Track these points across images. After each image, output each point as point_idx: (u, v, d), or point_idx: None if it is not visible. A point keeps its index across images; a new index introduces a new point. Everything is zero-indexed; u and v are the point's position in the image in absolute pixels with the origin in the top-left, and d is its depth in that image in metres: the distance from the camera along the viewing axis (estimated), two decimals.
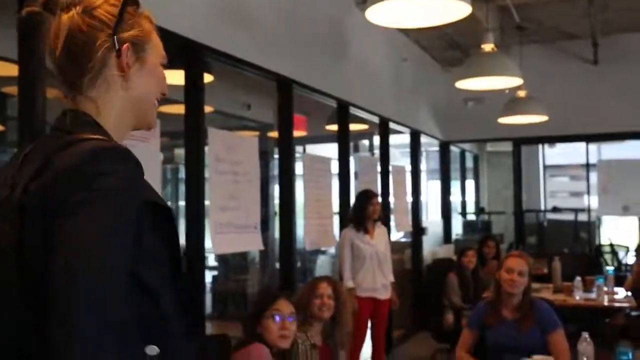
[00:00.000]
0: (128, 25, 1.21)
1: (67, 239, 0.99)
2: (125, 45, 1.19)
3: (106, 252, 1.00)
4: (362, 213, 5.39)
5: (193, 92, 4.01)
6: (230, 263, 6.34)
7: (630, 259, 8.61)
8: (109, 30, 1.18)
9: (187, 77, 4.01)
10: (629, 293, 5.97)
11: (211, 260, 5.63)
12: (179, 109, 4.09)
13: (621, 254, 9.48)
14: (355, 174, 6.40)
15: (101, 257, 0.99)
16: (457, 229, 9.91)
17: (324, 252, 7.06)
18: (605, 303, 5.75)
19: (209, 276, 5.56)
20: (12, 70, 3.22)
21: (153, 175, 3.56)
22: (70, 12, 1.18)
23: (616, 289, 6.15)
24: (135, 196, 1.08)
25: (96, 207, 1.01)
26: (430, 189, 9.36)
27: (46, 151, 1.10)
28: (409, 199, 8.10)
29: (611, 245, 9.61)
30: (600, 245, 9.54)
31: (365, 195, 5.50)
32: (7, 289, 1.05)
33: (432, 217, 9.20)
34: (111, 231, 1.02)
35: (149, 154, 3.54)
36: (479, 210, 10.68)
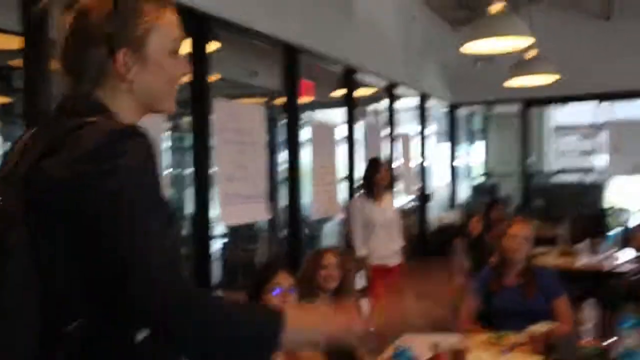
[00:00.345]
0: (124, 23, 1.15)
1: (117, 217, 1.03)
2: (121, 51, 1.15)
3: (152, 225, 1.06)
4: (371, 181, 5.43)
5: (199, 62, 3.99)
6: (239, 232, 6.38)
7: (638, 220, 8.58)
8: (103, 33, 1.14)
9: (194, 47, 3.99)
10: (636, 255, 5.99)
11: (220, 229, 5.64)
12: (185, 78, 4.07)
13: (627, 215, 9.47)
14: (363, 139, 6.38)
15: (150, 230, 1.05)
16: (464, 193, 9.90)
17: (330, 220, 7.06)
18: (611, 267, 5.81)
19: (219, 243, 5.58)
20: (14, 43, 3.21)
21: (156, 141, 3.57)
22: (69, 11, 1.16)
23: (622, 252, 6.18)
24: (155, 169, 1.11)
25: (128, 189, 1.04)
26: (438, 153, 9.32)
27: (56, 132, 1.11)
28: (416, 163, 8.11)
29: (619, 208, 9.59)
30: (607, 208, 9.53)
31: (375, 163, 5.53)
32: (20, 250, 1.05)
33: (438, 182, 9.18)
34: (145, 208, 1.06)
35: (154, 125, 3.53)
36: (486, 174, 10.66)
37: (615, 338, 2.92)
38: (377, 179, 5.41)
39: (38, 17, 1.04)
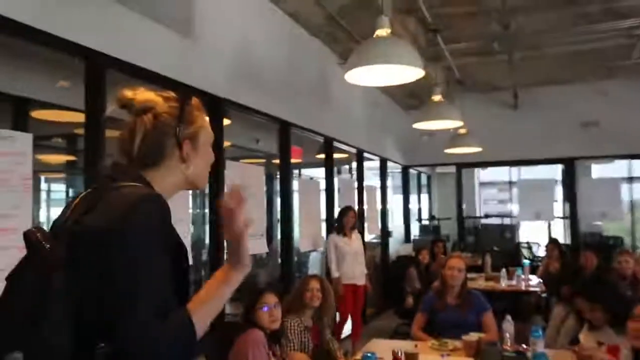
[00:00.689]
0: (186, 123, 1.19)
1: (124, 266, 1.01)
2: (185, 141, 1.19)
3: (149, 276, 1.02)
4: (342, 222, 5.43)
5: (215, 134, 3.93)
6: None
7: (542, 252, 8.54)
8: (173, 130, 1.17)
9: (210, 123, 3.93)
10: (540, 280, 5.93)
11: None
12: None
13: (534, 248, 9.44)
14: (338, 190, 6.34)
15: (147, 278, 1.01)
16: (415, 231, 9.84)
17: (314, 251, 6.97)
18: (523, 288, 5.76)
19: None
20: (80, 117, 3.17)
21: (183, 198, 3.48)
22: (144, 116, 1.16)
23: (531, 277, 6.11)
24: (165, 233, 1.08)
25: (140, 243, 1.02)
26: (395, 202, 9.31)
27: (98, 194, 1.10)
28: (379, 209, 8.04)
29: (527, 243, 9.57)
30: (519, 243, 9.49)
31: (344, 210, 5.56)
32: (57, 292, 1.00)
33: (396, 223, 9.13)
34: (149, 261, 1.03)
35: None
36: (431, 217, 10.66)
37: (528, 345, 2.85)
38: (346, 221, 5.42)
39: (94, 103, 1.03)
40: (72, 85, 3.51)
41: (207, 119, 1.27)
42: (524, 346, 2.99)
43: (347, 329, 5.56)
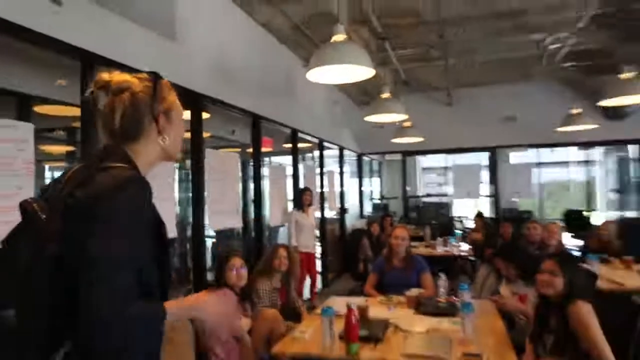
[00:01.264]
0: (159, 100, 1.16)
1: (99, 238, 0.96)
2: (160, 115, 1.16)
3: (123, 248, 0.97)
4: (301, 200, 5.51)
5: (195, 126, 3.89)
6: (223, 233, 6.23)
7: (470, 224, 8.79)
8: (149, 106, 1.14)
9: (192, 116, 3.89)
10: (469, 246, 6.12)
11: (211, 232, 5.49)
12: (187, 135, 3.97)
13: (464, 222, 9.70)
14: (303, 175, 6.35)
15: (121, 250, 0.97)
16: (368, 208, 9.95)
17: (283, 226, 6.97)
18: (455, 253, 5.91)
19: (209, 242, 5.42)
20: (77, 111, 3.07)
21: (169, 179, 3.43)
22: (120, 96, 1.11)
23: (461, 244, 6.30)
24: (146, 210, 1.05)
25: (120, 218, 0.98)
26: (351, 184, 9.36)
27: (90, 171, 1.05)
28: (337, 190, 8.08)
29: (459, 217, 9.82)
30: (452, 217, 9.73)
31: (302, 190, 5.64)
32: (50, 259, 0.96)
33: (351, 202, 9.21)
34: (125, 235, 0.98)
35: (167, 165, 3.41)
36: (381, 197, 10.79)
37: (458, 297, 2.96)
38: (304, 199, 5.52)
39: (88, 97, 0.99)
40: (69, 83, 3.39)
41: (175, 96, 1.23)
42: (455, 298, 3.10)
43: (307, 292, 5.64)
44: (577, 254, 4.95)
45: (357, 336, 2.23)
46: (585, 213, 8.60)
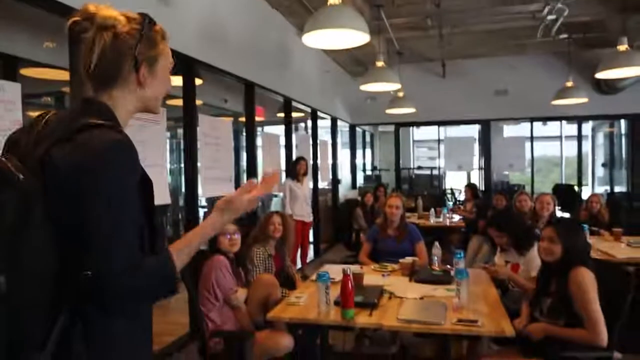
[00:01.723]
0: (145, 46, 1.03)
1: (97, 199, 0.90)
2: (143, 64, 1.04)
3: (123, 212, 0.92)
4: (295, 169, 5.49)
5: (189, 91, 3.80)
6: (214, 203, 6.22)
7: (462, 197, 8.86)
8: (131, 51, 1.01)
9: (184, 81, 3.79)
10: (461, 217, 6.17)
11: (202, 202, 5.44)
12: (179, 102, 3.89)
13: (456, 194, 9.77)
14: (296, 145, 6.30)
15: (121, 211, 0.92)
16: (360, 180, 9.96)
17: (276, 196, 6.95)
18: (447, 224, 5.95)
19: (201, 212, 5.40)
20: (66, 75, 2.96)
21: (160, 145, 3.35)
22: (103, 33, 1.00)
23: (454, 215, 6.35)
24: (134, 173, 0.96)
25: (116, 182, 0.92)
26: (343, 155, 9.34)
27: (69, 127, 0.94)
28: (330, 161, 8.05)
29: (451, 189, 9.88)
30: (444, 189, 9.78)
31: (297, 160, 5.61)
32: (36, 220, 0.88)
33: (344, 173, 9.20)
34: (124, 198, 0.93)
35: (159, 132, 3.34)
36: (374, 168, 10.79)
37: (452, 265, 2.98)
38: (298, 168, 5.50)
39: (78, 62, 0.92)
40: (57, 46, 3.25)
41: (168, 45, 1.10)
42: (448, 266, 3.13)
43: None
44: None
45: (352, 302, 2.24)
46: (576, 188, 8.67)
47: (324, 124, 7.96)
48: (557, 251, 2.25)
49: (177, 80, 3.83)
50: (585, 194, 8.55)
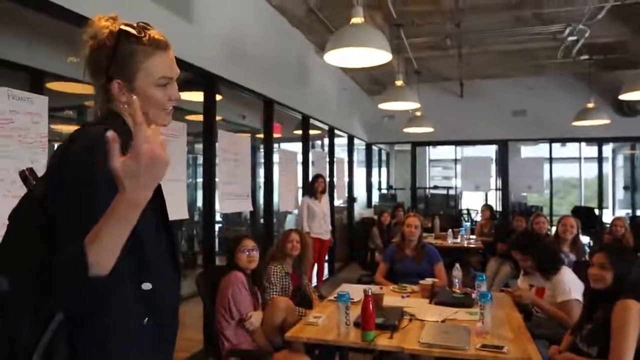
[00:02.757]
0: (120, 61, 0.98)
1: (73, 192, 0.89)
2: (114, 83, 0.99)
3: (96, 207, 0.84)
4: (313, 187, 5.44)
5: (209, 106, 3.83)
6: (230, 219, 6.21)
7: (478, 217, 8.74)
8: (104, 66, 0.99)
9: (205, 97, 3.82)
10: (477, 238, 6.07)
11: (218, 217, 5.44)
12: (199, 117, 3.91)
13: (473, 214, 9.64)
14: (312, 162, 6.29)
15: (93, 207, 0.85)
16: (375, 198, 9.89)
17: (291, 213, 6.94)
18: (465, 245, 5.84)
19: (216, 227, 5.41)
20: (90, 89, 2.99)
21: (180, 160, 3.37)
22: (88, 43, 1.00)
23: (471, 236, 6.24)
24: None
25: (85, 175, 0.89)
26: (359, 173, 9.30)
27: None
28: (346, 179, 8.03)
29: (467, 209, 9.75)
30: (461, 209, 9.66)
31: (315, 177, 5.57)
32: (35, 225, 0.90)
33: (359, 191, 9.15)
34: (95, 191, 0.87)
35: (178, 146, 3.35)
36: (389, 187, 10.72)
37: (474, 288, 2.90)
38: (317, 186, 5.45)
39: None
40: (81, 60, 3.30)
41: (157, 58, 1.01)
42: (469, 289, 3.04)
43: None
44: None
45: (373, 323, 2.18)
46: (596, 211, 8.48)
47: (340, 142, 7.96)
48: (608, 278, 2.11)
49: (198, 96, 3.87)
50: (606, 217, 8.35)
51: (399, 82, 5.31)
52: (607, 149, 10.38)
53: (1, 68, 3.30)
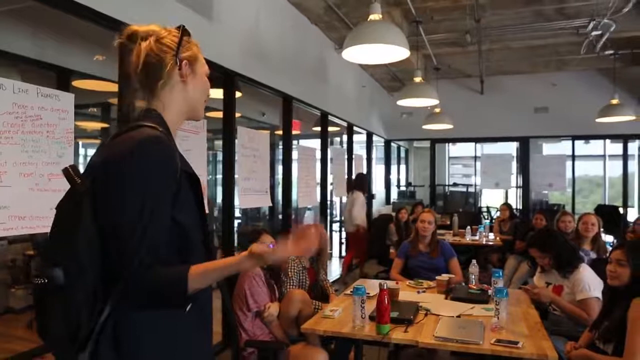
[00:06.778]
0: (184, 49, 1.15)
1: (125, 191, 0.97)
2: (184, 62, 1.14)
3: (148, 201, 0.97)
4: (363, 184, 6.11)
5: (228, 103, 3.88)
6: (249, 214, 6.27)
7: (498, 214, 8.62)
8: (173, 52, 1.12)
9: (225, 94, 3.88)
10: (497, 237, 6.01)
11: (237, 213, 5.52)
12: (219, 114, 3.97)
13: (492, 212, 9.52)
14: (331, 159, 6.31)
15: (149, 204, 0.97)
16: (394, 195, 9.86)
17: (309, 209, 6.97)
18: (484, 242, 5.79)
19: (235, 222, 5.49)
20: (114, 87, 3.10)
21: (201, 156, 3.43)
22: (147, 40, 1.11)
23: (490, 234, 6.18)
24: (170, 167, 1.01)
25: (142, 175, 0.98)
26: (378, 170, 9.28)
27: (117, 133, 1.06)
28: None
29: (487, 207, 9.63)
30: (480, 207, 9.55)
31: (366, 175, 6.29)
32: (84, 215, 0.96)
33: (378, 188, 9.13)
34: (148, 188, 0.98)
35: (199, 142, 3.41)
36: (408, 184, 10.67)
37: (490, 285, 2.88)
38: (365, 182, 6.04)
39: (124, 73, 0.99)
40: (107, 59, 3.41)
41: (200, 53, 1.20)
42: (486, 286, 3.03)
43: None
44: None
45: (388, 317, 2.20)
46: (620, 209, 8.26)
47: (359, 139, 7.95)
48: (625, 275, 2.08)
49: (218, 93, 3.93)
50: (631, 215, 8.14)
51: (417, 79, 5.29)
52: (633, 146, 10.10)
53: (31, 67, 3.42)
